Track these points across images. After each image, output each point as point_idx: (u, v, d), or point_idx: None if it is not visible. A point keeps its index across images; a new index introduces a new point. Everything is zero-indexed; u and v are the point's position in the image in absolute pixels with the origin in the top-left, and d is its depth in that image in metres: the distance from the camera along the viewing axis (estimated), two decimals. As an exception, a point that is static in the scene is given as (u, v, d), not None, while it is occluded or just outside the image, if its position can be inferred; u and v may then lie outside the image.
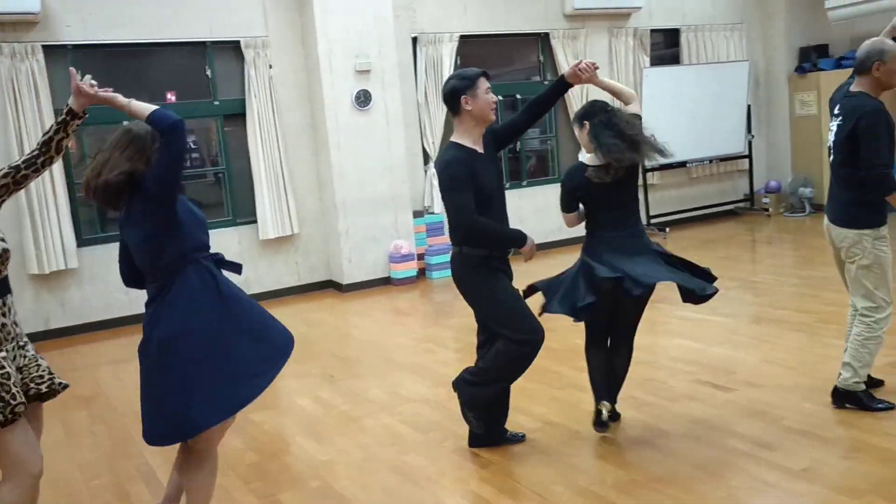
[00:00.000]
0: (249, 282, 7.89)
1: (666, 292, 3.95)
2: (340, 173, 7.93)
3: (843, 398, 3.92)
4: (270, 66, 7.82)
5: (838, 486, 3.19)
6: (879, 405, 3.86)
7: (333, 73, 7.80)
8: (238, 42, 7.70)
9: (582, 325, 3.95)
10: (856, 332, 3.83)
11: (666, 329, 5.69)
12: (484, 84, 3.51)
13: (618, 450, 3.75)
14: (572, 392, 4.45)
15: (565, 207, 3.81)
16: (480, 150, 3.58)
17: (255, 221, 7.91)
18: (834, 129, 3.82)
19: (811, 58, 10.49)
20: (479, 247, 3.55)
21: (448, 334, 6.30)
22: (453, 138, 3.57)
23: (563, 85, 3.75)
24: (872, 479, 3.22)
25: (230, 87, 7.88)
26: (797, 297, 6.31)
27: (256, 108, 7.74)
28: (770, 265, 7.73)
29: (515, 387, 3.86)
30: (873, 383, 4.08)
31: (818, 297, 6.17)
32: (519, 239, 3.59)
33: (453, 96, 3.48)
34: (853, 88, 3.80)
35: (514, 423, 3.99)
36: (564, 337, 5.38)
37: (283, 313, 7.54)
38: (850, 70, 9.44)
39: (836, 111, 3.84)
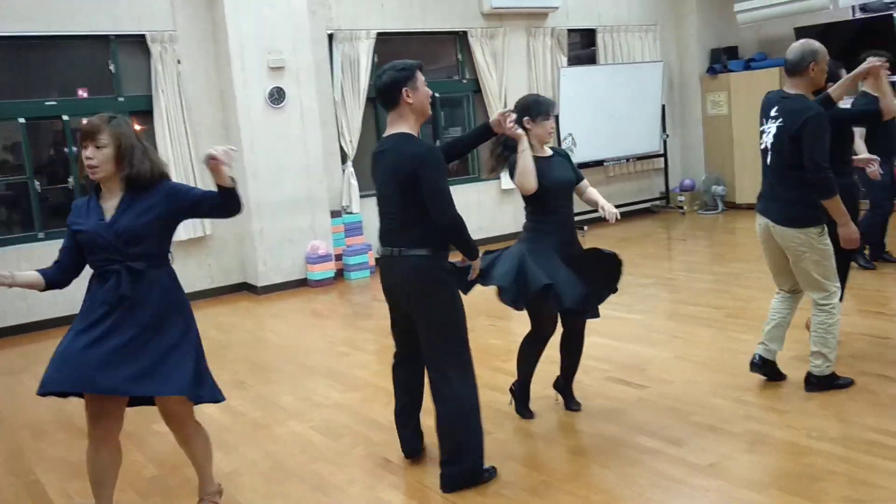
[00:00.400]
0: (159, 286, 7.59)
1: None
2: (254, 173, 7.70)
3: (818, 385, 4.03)
4: (179, 62, 7.54)
5: (743, 480, 3.22)
6: (841, 381, 4.05)
7: (245, 70, 7.57)
8: (143, 36, 7.39)
9: (496, 325, 3.91)
10: (818, 322, 3.94)
11: (581, 327, 5.71)
12: (421, 76, 3.30)
13: (529, 451, 3.72)
14: (484, 392, 4.38)
15: None
16: None
17: (164, 223, 7.60)
18: (773, 130, 3.85)
19: (721, 59, 10.78)
20: (444, 246, 3.27)
21: (364, 336, 6.18)
22: (405, 130, 3.25)
23: (486, 131, 3.60)
24: (775, 473, 3.27)
25: (136, 82, 7.56)
26: (709, 293, 6.44)
27: (164, 105, 7.45)
28: (684, 262, 7.89)
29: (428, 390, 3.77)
30: (776, 375, 4.18)
31: (728, 293, 6.31)
32: (476, 250, 3.41)
33: (393, 88, 3.20)
34: (788, 90, 3.86)
35: (425, 426, 3.90)
36: (480, 336, 5.35)
37: (196, 317, 7.30)
38: (759, 71, 9.69)
39: (773, 112, 3.87)
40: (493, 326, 5.82)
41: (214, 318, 7.06)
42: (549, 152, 3.88)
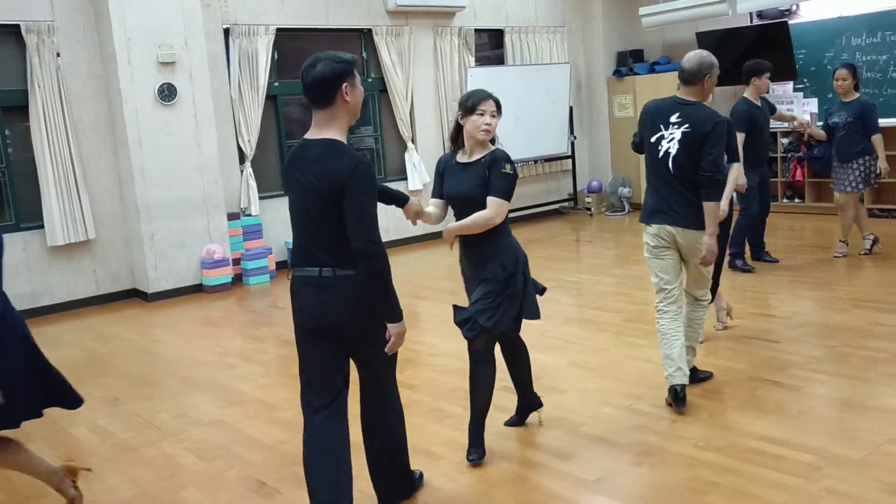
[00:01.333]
0: (38, 294, 7.11)
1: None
2: (143, 173, 7.28)
3: (693, 378, 4.19)
4: (58, 55, 7.04)
5: (628, 495, 3.13)
6: (702, 375, 4.29)
7: (132, 65, 7.14)
8: (18, 26, 6.87)
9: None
10: (696, 318, 4.18)
11: (480, 333, 5.58)
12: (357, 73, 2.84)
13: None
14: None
15: None
16: None
17: (42, 226, 7.11)
18: (678, 136, 3.81)
19: (628, 62, 10.88)
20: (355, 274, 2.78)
21: (257, 346, 5.88)
22: (336, 136, 2.77)
23: (399, 202, 3.32)
24: (659, 486, 3.19)
25: (10, 76, 7.02)
26: (609, 296, 6.41)
27: (41, 100, 6.93)
28: (588, 264, 7.87)
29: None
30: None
31: (628, 296, 6.29)
32: (400, 309, 2.83)
33: (333, 82, 2.70)
34: (685, 97, 3.88)
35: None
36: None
37: (76, 327, 6.89)
38: (664, 74, 9.80)
39: (674, 119, 3.84)
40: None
41: (97, 328, 6.62)
42: (475, 157, 3.44)
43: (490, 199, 3.36)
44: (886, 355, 4.46)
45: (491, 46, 10.62)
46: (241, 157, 8.23)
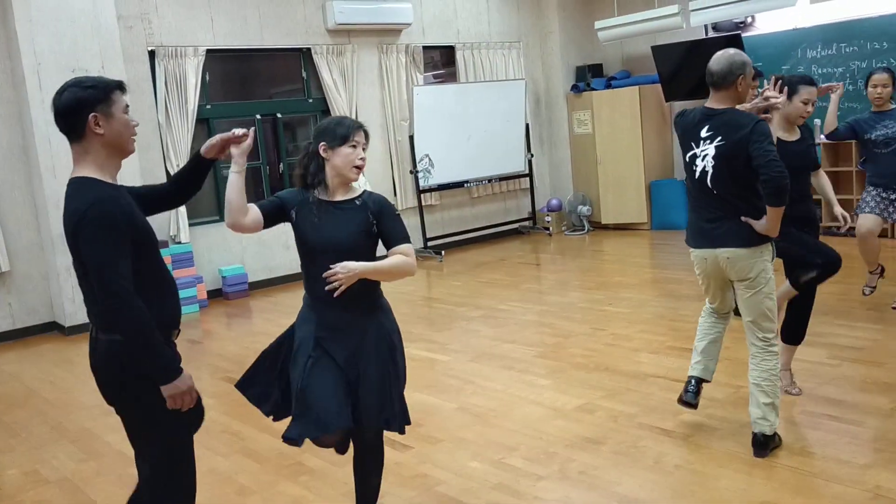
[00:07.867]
0: (-52, 329, 6.85)
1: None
2: (57, 204, 6.92)
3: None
4: (-34, 81, 6.82)
5: (454, 573, 2.79)
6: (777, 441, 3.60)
7: (43, 90, 6.87)
8: (-79, 53, 6.66)
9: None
10: (767, 367, 3.45)
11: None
12: (119, 99, 2.56)
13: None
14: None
15: None
16: None
17: (-49, 259, 6.86)
18: (711, 152, 3.38)
19: (587, 77, 10.56)
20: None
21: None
22: (87, 174, 2.46)
23: (199, 161, 2.87)
24: (491, 563, 2.85)
25: (-84, 104, 6.81)
26: (531, 326, 6.07)
27: (-52, 128, 6.72)
28: (524, 290, 7.49)
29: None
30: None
31: (551, 327, 5.95)
32: (165, 368, 2.44)
33: (79, 112, 2.42)
34: (715, 105, 3.44)
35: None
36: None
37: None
38: (621, 89, 9.30)
39: (704, 133, 3.42)
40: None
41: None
42: (349, 195, 2.90)
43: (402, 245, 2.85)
44: (799, 397, 4.10)
45: (443, 63, 10.33)
46: (170, 183, 7.94)
